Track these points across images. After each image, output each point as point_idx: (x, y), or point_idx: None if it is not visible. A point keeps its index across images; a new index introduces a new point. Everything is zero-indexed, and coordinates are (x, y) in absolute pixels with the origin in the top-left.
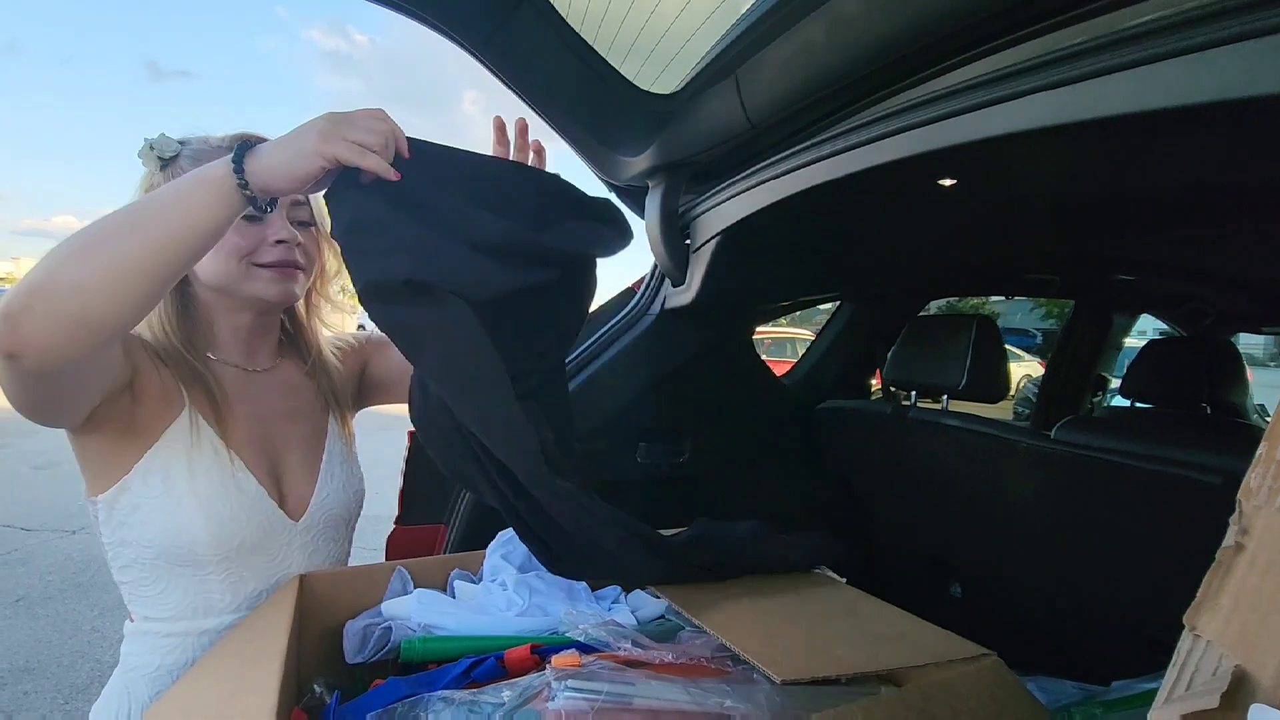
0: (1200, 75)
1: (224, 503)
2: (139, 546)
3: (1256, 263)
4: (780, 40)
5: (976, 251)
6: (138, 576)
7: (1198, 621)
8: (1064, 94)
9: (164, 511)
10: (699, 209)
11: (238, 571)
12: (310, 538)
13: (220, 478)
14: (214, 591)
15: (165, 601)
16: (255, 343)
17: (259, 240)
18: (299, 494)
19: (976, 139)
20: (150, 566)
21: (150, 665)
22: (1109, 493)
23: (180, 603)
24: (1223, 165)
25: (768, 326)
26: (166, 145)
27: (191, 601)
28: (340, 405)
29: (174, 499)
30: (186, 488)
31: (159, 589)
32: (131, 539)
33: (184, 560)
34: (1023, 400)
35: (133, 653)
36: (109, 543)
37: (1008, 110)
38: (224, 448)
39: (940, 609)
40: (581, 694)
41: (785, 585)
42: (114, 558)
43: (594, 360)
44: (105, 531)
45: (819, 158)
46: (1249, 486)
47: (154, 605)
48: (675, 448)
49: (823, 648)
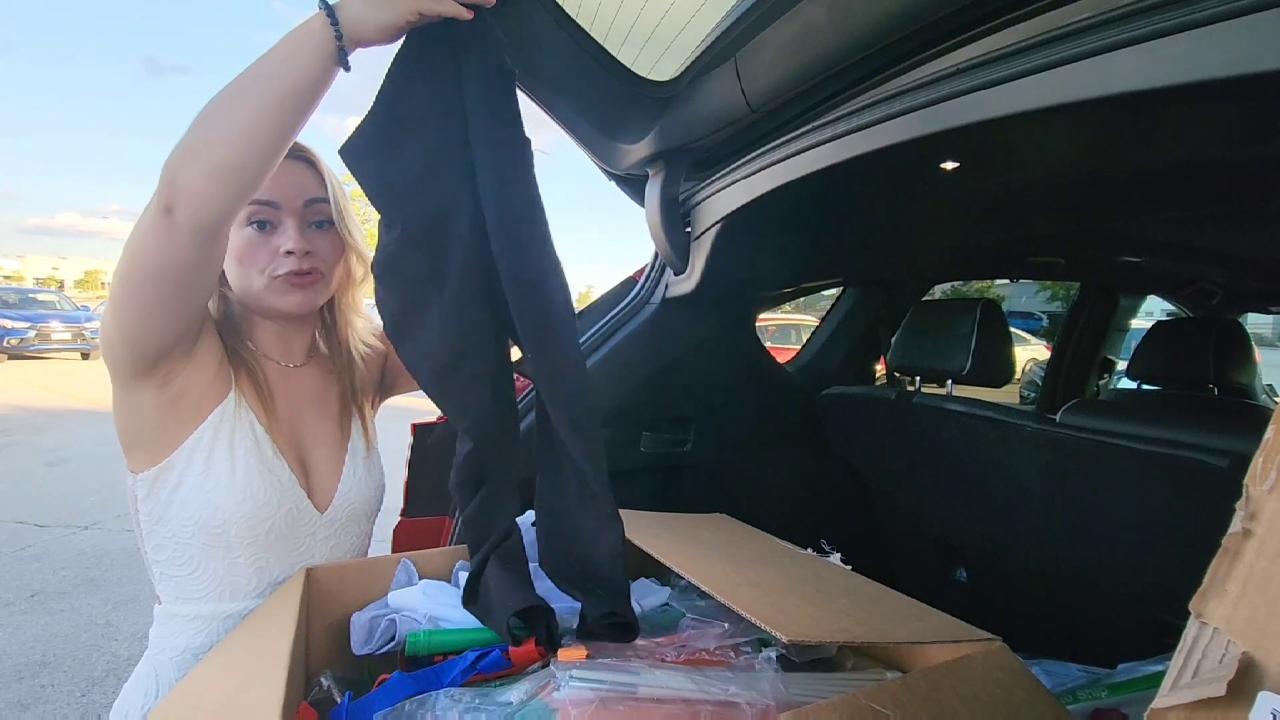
0: (1207, 50)
1: (259, 486)
2: (176, 525)
3: (1264, 241)
4: (780, 22)
5: (981, 234)
6: (170, 555)
7: (1204, 609)
8: (1067, 72)
9: (204, 490)
10: (699, 196)
11: (264, 556)
12: (334, 530)
13: (258, 461)
14: (240, 575)
15: (194, 583)
16: (290, 340)
17: (273, 252)
18: (324, 487)
19: (979, 120)
20: (184, 546)
21: (177, 648)
22: (1115, 476)
23: (208, 584)
24: (1229, 142)
25: (772, 313)
26: None
27: (219, 584)
28: (364, 401)
29: (214, 478)
30: (226, 468)
31: (189, 569)
32: (170, 516)
33: (216, 540)
34: (1028, 384)
35: (161, 635)
36: (145, 520)
37: (1010, 90)
38: (264, 433)
39: (945, 593)
40: (587, 684)
41: (792, 565)
42: (149, 535)
43: (596, 350)
44: (144, 509)
45: (820, 142)
46: (1256, 471)
47: (183, 586)
48: (679, 437)
49: (829, 620)
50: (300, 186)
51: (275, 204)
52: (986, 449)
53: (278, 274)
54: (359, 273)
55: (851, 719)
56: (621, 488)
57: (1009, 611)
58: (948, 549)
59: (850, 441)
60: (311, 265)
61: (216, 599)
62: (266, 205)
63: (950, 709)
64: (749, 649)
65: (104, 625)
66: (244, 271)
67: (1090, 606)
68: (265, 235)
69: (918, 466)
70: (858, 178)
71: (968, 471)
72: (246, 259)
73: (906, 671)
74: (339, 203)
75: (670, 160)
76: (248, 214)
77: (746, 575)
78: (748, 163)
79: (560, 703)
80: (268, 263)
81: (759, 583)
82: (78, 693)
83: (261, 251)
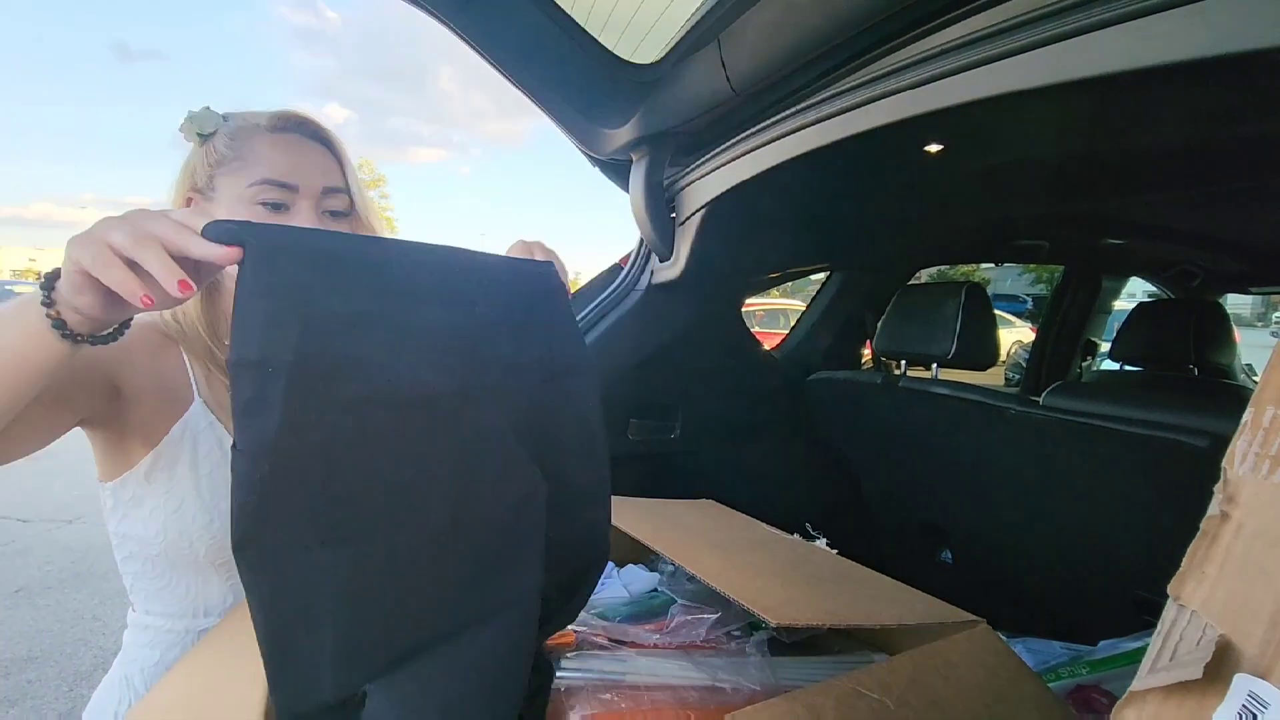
0: (1194, 27)
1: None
2: (141, 541)
3: (1244, 223)
4: (763, 3)
5: (965, 218)
6: (139, 569)
7: (1182, 591)
8: (1051, 52)
9: (166, 509)
10: (684, 181)
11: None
12: None
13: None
14: (214, 593)
15: (165, 597)
16: None
17: None
18: None
19: (963, 102)
20: (153, 561)
21: (150, 659)
22: (1097, 457)
23: (181, 600)
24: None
25: (759, 298)
26: (208, 119)
27: (192, 601)
28: None
29: (177, 497)
30: (190, 487)
31: (160, 584)
32: (134, 533)
33: (184, 559)
34: (1014, 366)
35: (133, 643)
36: (113, 532)
37: (994, 71)
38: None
39: (931, 574)
40: (576, 672)
41: (779, 549)
42: (117, 546)
43: None
44: (111, 520)
45: (804, 125)
46: (1234, 454)
47: (155, 600)
48: (666, 424)
49: (817, 603)
50: (321, 171)
51: (292, 186)
52: (971, 432)
53: None
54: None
55: (839, 702)
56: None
57: (993, 591)
58: (933, 531)
59: (836, 426)
60: None
61: (190, 615)
62: (282, 187)
63: (935, 690)
64: (738, 633)
65: (90, 620)
66: None
67: (1073, 585)
68: (276, 214)
69: (903, 450)
70: (842, 161)
71: (953, 454)
72: None
73: (893, 654)
74: (361, 193)
75: (654, 145)
76: (256, 192)
77: (734, 560)
78: (732, 147)
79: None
80: None
81: (746, 567)
82: (65, 687)
83: None
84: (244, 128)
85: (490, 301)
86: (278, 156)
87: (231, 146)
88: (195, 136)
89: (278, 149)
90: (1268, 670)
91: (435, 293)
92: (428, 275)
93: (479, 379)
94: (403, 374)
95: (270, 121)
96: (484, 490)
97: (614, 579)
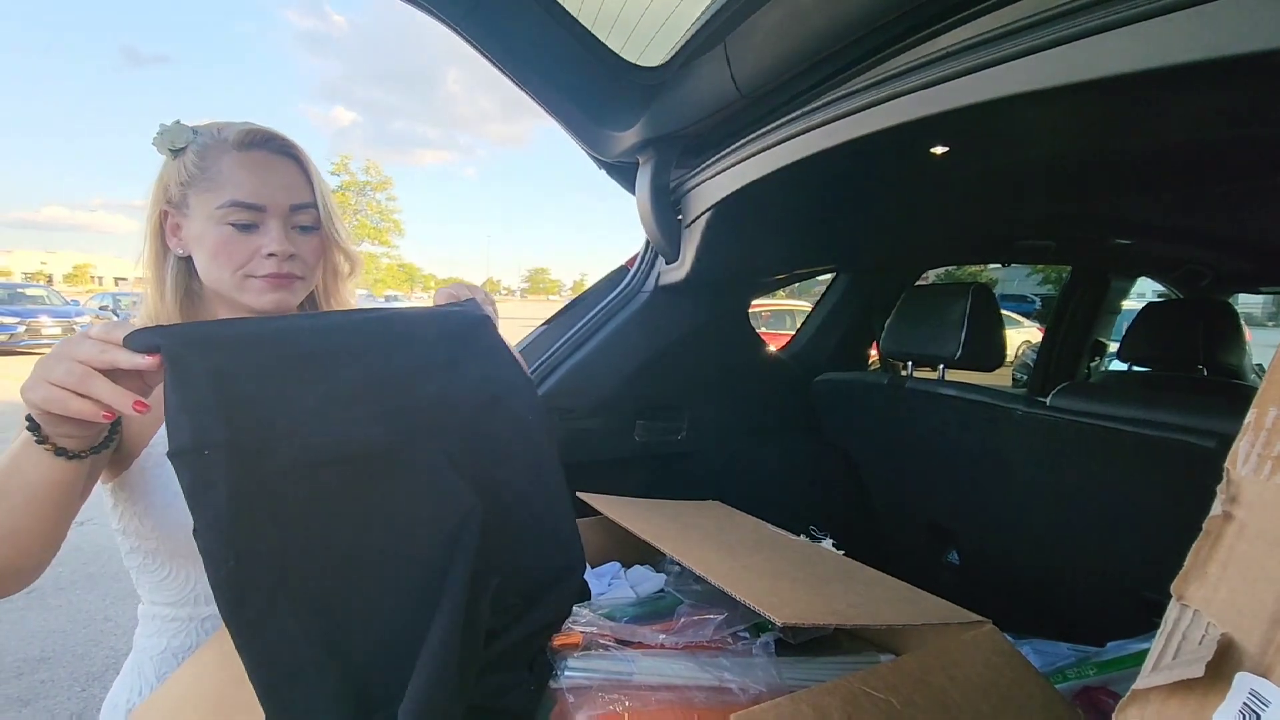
0: (1198, 30)
1: None
2: (140, 535)
3: (1253, 222)
4: (769, 6)
5: (971, 219)
6: (142, 562)
7: (1185, 591)
8: (1057, 54)
9: (161, 506)
10: (690, 183)
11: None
12: None
13: None
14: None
15: (168, 587)
16: None
17: (252, 252)
18: None
19: (968, 104)
20: (153, 554)
21: (157, 648)
22: (1105, 458)
23: (183, 589)
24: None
25: (766, 299)
26: (179, 134)
27: (194, 589)
28: None
29: (170, 492)
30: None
31: (162, 575)
32: (133, 528)
33: (185, 551)
34: (1021, 366)
35: (143, 634)
36: (116, 529)
37: (999, 74)
38: None
39: (937, 575)
40: (583, 673)
41: (786, 550)
42: (121, 543)
43: (588, 340)
44: (113, 519)
45: (810, 127)
46: (1236, 455)
47: (159, 590)
48: (673, 425)
49: (823, 603)
50: (287, 189)
51: (260, 207)
52: (978, 433)
53: (256, 274)
54: (345, 268)
55: (845, 702)
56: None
57: (1000, 592)
58: (939, 532)
59: (843, 427)
60: (291, 269)
61: (192, 603)
62: (250, 208)
63: (942, 690)
64: (745, 634)
65: (102, 620)
66: (216, 266)
67: (1080, 587)
68: (245, 234)
69: (910, 451)
70: (848, 163)
71: (960, 455)
72: (222, 255)
73: (899, 654)
74: (327, 205)
75: (660, 147)
76: (225, 214)
77: (741, 560)
78: (738, 149)
79: (556, 690)
80: (245, 261)
81: (753, 568)
82: (77, 688)
83: (240, 250)
84: (212, 145)
85: (409, 350)
86: (245, 177)
87: (200, 166)
88: (167, 151)
89: (245, 169)
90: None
91: (351, 353)
92: (343, 338)
93: (407, 421)
94: (334, 433)
95: (237, 138)
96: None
97: (621, 580)
